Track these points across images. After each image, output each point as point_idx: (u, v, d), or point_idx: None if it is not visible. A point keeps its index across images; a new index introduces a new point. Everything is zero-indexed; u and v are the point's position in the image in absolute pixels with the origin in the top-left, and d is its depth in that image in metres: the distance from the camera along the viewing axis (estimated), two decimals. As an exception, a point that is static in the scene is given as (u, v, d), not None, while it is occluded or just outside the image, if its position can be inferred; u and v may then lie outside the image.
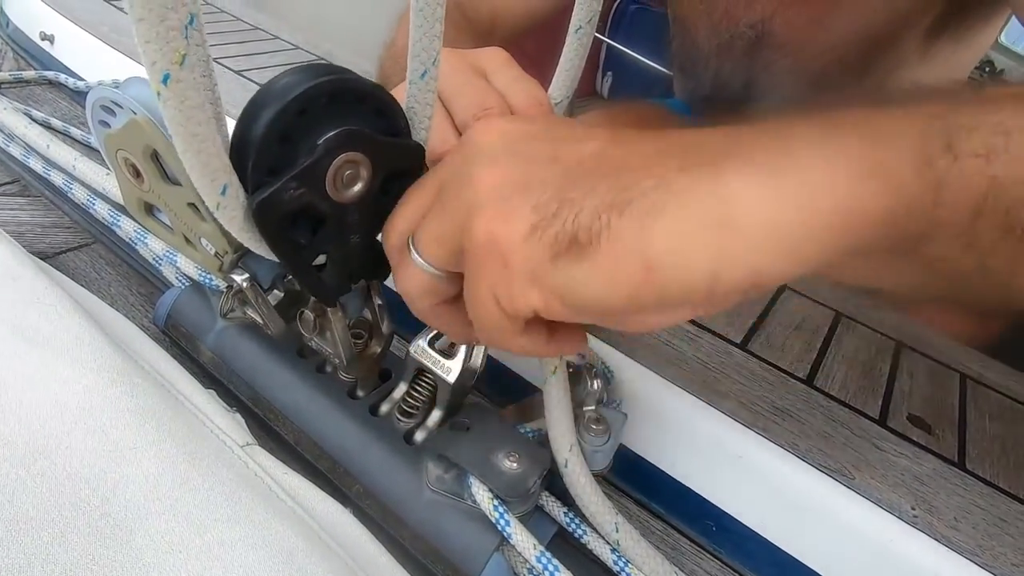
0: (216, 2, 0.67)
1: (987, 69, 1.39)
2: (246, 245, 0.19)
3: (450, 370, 0.27)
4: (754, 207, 0.15)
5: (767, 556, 0.28)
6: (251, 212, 0.18)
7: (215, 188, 0.17)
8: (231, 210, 0.18)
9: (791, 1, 0.51)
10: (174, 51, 0.14)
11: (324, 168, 0.18)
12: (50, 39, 0.56)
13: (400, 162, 0.21)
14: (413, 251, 0.19)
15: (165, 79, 0.14)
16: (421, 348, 0.27)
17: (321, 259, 0.22)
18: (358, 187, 0.20)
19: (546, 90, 0.27)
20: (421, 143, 0.21)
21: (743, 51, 0.56)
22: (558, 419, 0.26)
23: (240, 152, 0.18)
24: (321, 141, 0.18)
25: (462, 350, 0.27)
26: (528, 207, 0.16)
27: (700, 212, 0.15)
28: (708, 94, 0.65)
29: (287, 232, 0.19)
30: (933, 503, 0.27)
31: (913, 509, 0.27)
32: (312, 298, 0.25)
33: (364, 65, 0.58)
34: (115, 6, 0.58)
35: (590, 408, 0.28)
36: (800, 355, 0.35)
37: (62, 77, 0.53)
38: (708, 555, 0.30)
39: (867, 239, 0.16)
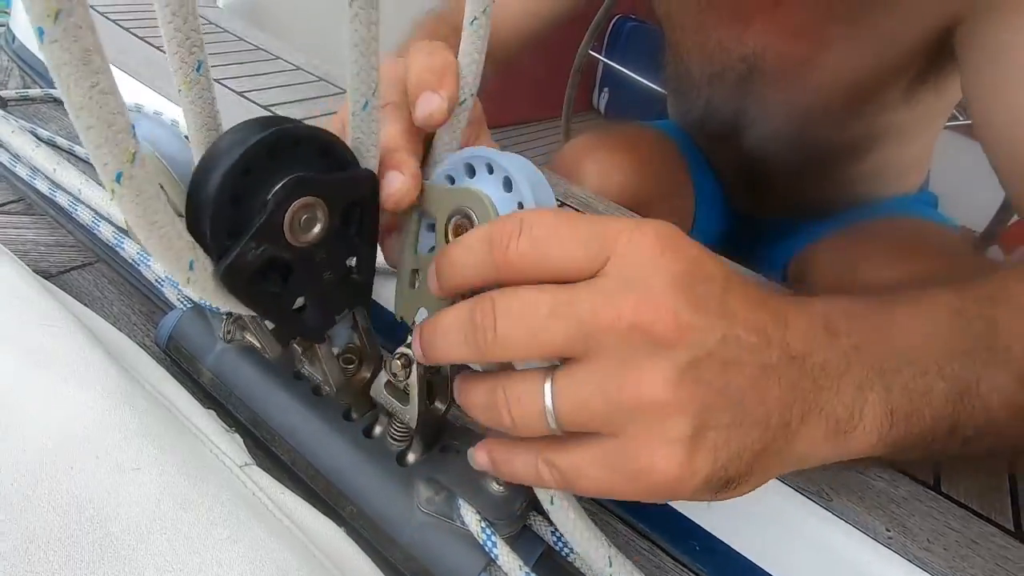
0: (219, 22, 0.69)
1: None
2: (223, 308, 0.20)
3: (407, 415, 0.26)
4: (824, 455, 0.22)
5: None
6: (218, 279, 0.18)
7: (182, 266, 0.18)
8: (202, 282, 0.19)
9: (782, 39, 0.52)
10: (124, 151, 0.15)
11: (279, 221, 0.19)
12: (56, 58, 0.57)
13: (353, 193, 0.21)
14: (548, 400, 0.19)
15: (118, 177, 0.15)
16: (379, 390, 0.27)
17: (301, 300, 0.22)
18: (318, 228, 0.20)
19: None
20: (372, 170, 0.22)
21: (734, 82, 0.57)
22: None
23: (196, 221, 0.18)
24: (271, 195, 0.18)
25: (415, 395, 0.26)
26: (708, 457, 0.19)
27: (795, 461, 0.22)
28: (700, 118, 0.66)
29: (259, 287, 0.20)
30: (907, 525, 0.28)
31: (888, 531, 0.28)
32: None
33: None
34: (120, 26, 0.59)
35: None
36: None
37: (67, 96, 0.54)
38: (692, 575, 0.30)
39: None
